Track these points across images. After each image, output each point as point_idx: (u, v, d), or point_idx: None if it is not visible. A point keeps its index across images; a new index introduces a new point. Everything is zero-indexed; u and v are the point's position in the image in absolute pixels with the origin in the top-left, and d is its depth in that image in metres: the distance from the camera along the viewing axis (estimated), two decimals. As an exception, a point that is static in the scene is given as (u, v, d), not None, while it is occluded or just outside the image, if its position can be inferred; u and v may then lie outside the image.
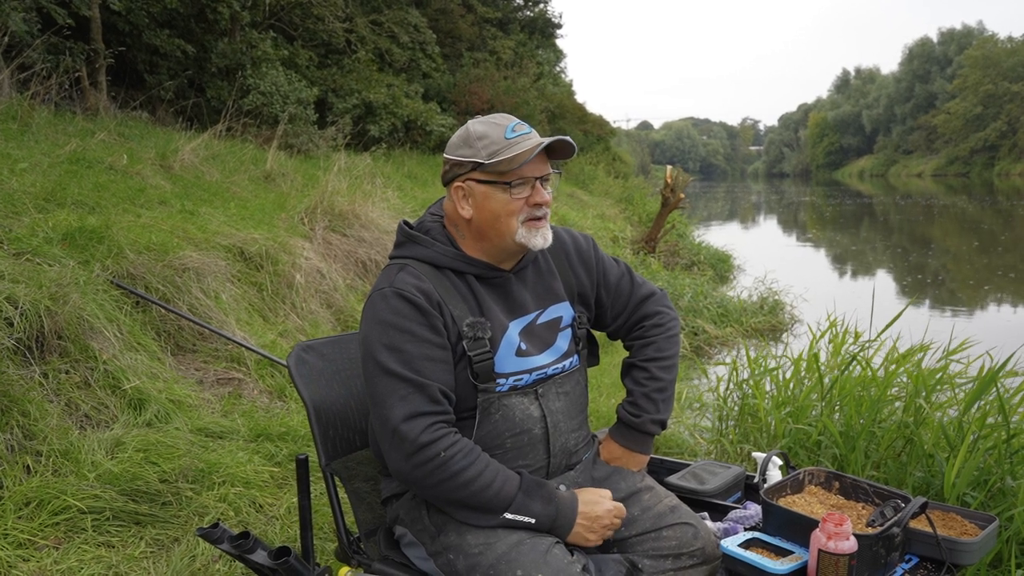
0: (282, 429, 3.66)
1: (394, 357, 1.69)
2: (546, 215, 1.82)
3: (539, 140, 1.77)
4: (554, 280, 1.95)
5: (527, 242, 1.79)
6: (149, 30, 10.61)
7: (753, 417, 4.11)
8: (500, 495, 1.69)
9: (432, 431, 1.65)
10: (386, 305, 1.73)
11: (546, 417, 1.83)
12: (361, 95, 15.25)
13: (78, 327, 3.49)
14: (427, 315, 1.72)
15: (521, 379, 1.82)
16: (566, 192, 17.70)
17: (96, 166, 6.28)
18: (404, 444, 1.65)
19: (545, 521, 1.71)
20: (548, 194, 1.82)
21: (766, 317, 8.45)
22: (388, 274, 1.81)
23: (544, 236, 1.81)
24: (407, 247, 1.86)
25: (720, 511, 2.23)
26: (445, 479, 1.66)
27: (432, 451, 1.64)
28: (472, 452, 1.69)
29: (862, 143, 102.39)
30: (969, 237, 19.90)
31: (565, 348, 1.91)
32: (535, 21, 29.44)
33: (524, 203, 1.78)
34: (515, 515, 1.69)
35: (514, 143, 1.75)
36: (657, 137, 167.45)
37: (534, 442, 1.82)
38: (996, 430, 2.98)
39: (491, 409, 1.78)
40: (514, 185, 1.76)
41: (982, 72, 72.04)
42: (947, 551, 1.81)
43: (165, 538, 2.74)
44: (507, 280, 1.86)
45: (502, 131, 1.77)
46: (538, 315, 1.88)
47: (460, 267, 1.82)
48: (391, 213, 7.45)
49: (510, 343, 1.81)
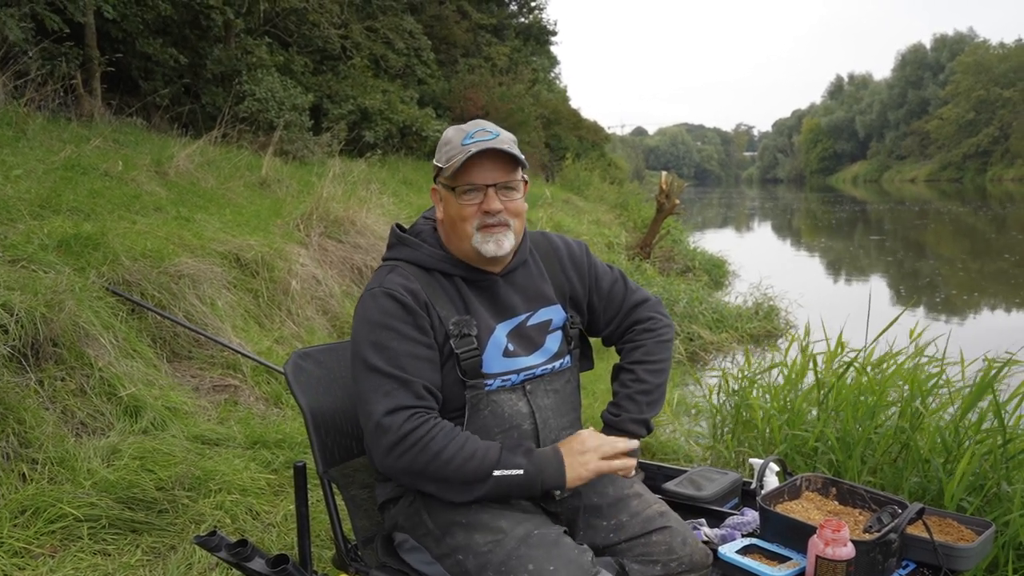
0: (278, 436, 3.65)
1: (380, 355, 1.71)
2: (503, 223, 1.80)
3: (495, 144, 1.76)
4: (545, 283, 1.95)
5: (480, 248, 1.79)
6: (143, 38, 10.61)
7: (749, 424, 4.12)
8: (485, 461, 1.69)
9: (413, 420, 1.67)
10: (374, 304, 1.76)
11: (535, 413, 1.84)
12: (356, 101, 15.26)
13: (74, 334, 3.48)
14: (414, 314, 1.75)
15: (509, 379, 1.83)
16: (561, 198, 17.71)
17: (91, 173, 6.27)
18: (387, 435, 1.66)
19: (532, 469, 1.70)
20: (507, 202, 1.79)
21: (761, 323, 8.47)
22: (378, 275, 1.84)
23: (498, 242, 1.80)
24: (397, 249, 1.90)
25: (717, 517, 2.23)
26: (428, 460, 1.66)
27: (413, 438, 1.66)
28: (452, 431, 1.69)
29: (856, 149, 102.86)
30: (963, 242, 19.98)
31: (555, 350, 1.92)
32: (530, 28, 29.55)
33: (477, 209, 1.78)
34: (502, 470, 1.69)
35: (465, 150, 1.76)
36: (652, 143, 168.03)
37: (524, 438, 1.82)
38: (992, 435, 2.99)
39: (479, 405, 1.79)
40: (461, 191, 1.78)
41: (974, 78, 72.46)
42: (944, 557, 1.82)
43: (162, 546, 2.73)
44: (494, 283, 1.87)
45: (463, 137, 1.79)
46: (527, 317, 1.89)
47: (447, 269, 1.84)
48: (387, 219, 7.45)
49: (497, 344, 1.83)
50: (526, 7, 29.65)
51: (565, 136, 27.47)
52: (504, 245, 1.81)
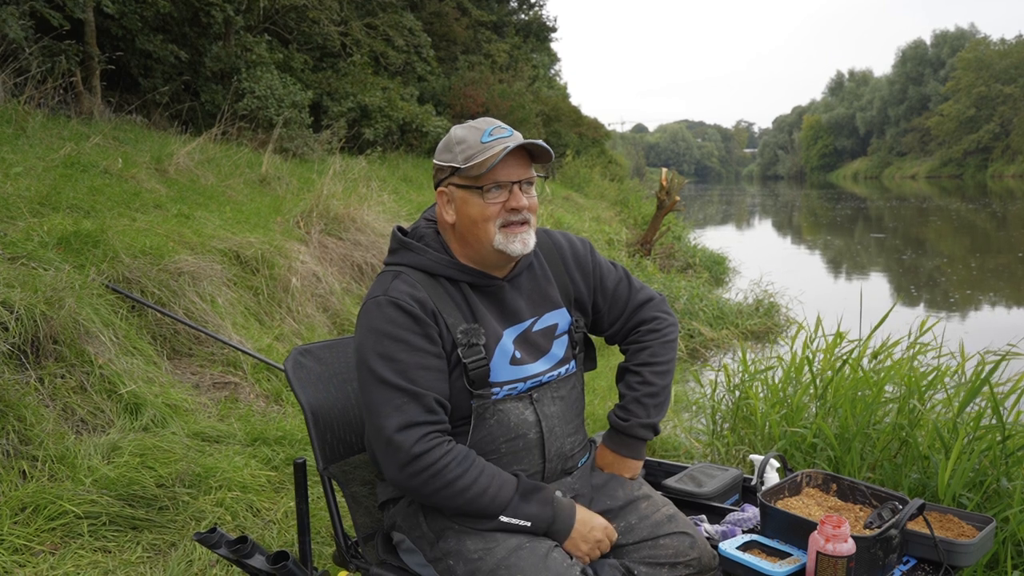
0: (279, 433, 3.65)
1: (388, 366, 1.68)
2: (526, 220, 1.78)
3: (511, 144, 1.73)
4: (550, 286, 1.91)
5: (505, 248, 1.75)
6: (142, 35, 10.61)
7: (748, 420, 4.11)
8: (496, 500, 1.69)
9: (426, 441, 1.65)
10: (380, 313, 1.72)
11: (541, 422, 1.82)
12: (356, 98, 15.26)
13: (74, 331, 3.48)
14: (422, 324, 1.71)
15: (515, 387, 1.80)
16: (562, 195, 17.70)
17: (91, 170, 6.27)
18: (399, 454, 1.65)
19: (541, 524, 1.71)
20: (527, 199, 1.78)
21: (761, 319, 8.47)
22: (383, 281, 1.79)
23: (523, 241, 1.77)
24: (401, 254, 1.84)
25: (718, 514, 2.23)
26: (440, 488, 1.66)
27: (426, 461, 1.64)
28: (466, 459, 1.68)
29: (856, 145, 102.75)
30: (963, 239, 19.96)
31: (561, 355, 1.89)
32: (530, 24, 29.49)
33: (501, 208, 1.75)
34: (510, 518, 1.69)
35: (488, 147, 1.72)
36: (652, 140, 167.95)
37: (529, 447, 1.81)
38: (991, 431, 2.99)
39: (486, 415, 1.77)
40: (487, 190, 1.74)
41: (975, 74, 72.39)
42: (944, 553, 1.82)
43: (162, 543, 2.73)
44: (500, 288, 1.83)
45: (480, 135, 1.75)
46: (533, 322, 1.86)
47: (454, 275, 1.80)
48: (387, 216, 7.45)
49: (504, 352, 1.79)
50: (526, 4, 29.60)
51: (565, 133, 27.42)
52: (530, 243, 1.78)
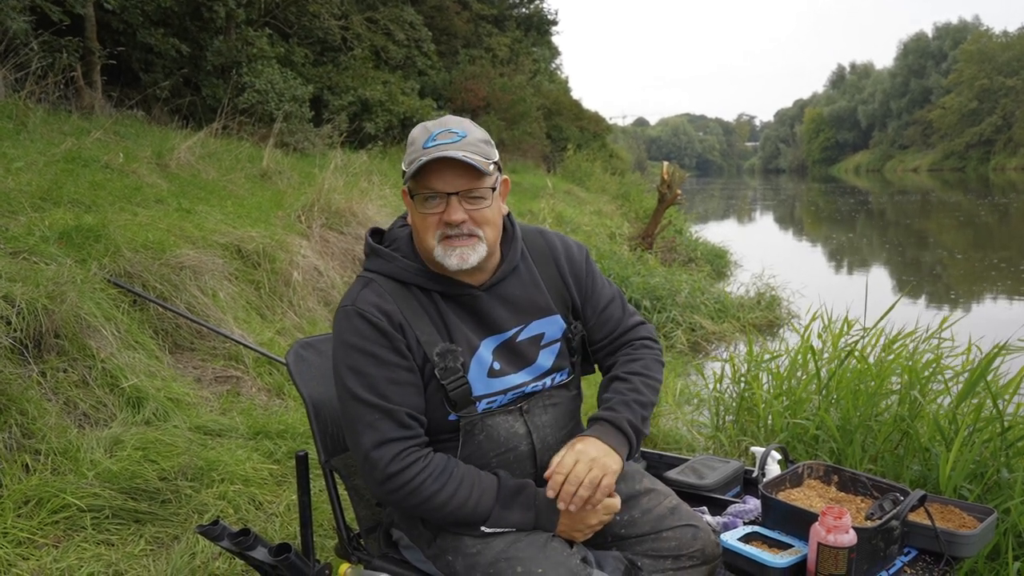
0: (281, 426, 3.66)
1: (359, 381, 1.64)
2: (473, 233, 1.66)
3: (452, 153, 1.61)
4: (538, 292, 1.82)
5: (443, 261, 1.66)
6: (144, 29, 10.60)
7: (751, 412, 4.12)
8: (477, 511, 1.66)
9: (400, 459, 1.62)
10: (349, 324, 1.68)
11: (532, 433, 1.77)
12: (357, 92, 15.25)
13: (76, 326, 3.48)
14: (389, 337, 1.65)
15: (495, 400, 1.74)
16: (563, 189, 17.70)
17: (92, 165, 6.26)
18: (375, 472, 1.63)
19: (524, 529, 1.69)
20: (472, 212, 1.65)
21: (763, 312, 8.47)
22: (353, 290, 1.73)
23: (461, 256, 1.65)
24: (372, 260, 1.77)
25: (719, 505, 2.24)
26: (419, 503, 1.65)
27: (402, 479, 1.62)
28: (443, 473, 1.65)
29: (858, 138, 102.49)
30: (965, 231, 19.93)
31: (548, 365, 1.81)
32: (530, 18, 29.44)
33: (438, 219, 1.65)
34: (492, 528, 1.67)
35: (427, 153, 1.61)
36: (653, 133, 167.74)
37: (521, 459, 1.77)
38: (991, 423, 2.99)
39: (474, 431, 1.73)
40: (425, 198, 1.65)
41: (977, 67, 72.13)
42: (946, 544, 1.82)
43: (165, 536, 2.74)
44: (475, 298, 1.74)
45: (425, 138, 1.65)
46: (518, 332, 1.78)
47: (424, 283, 1.72)
48: (388, 210, 7.45)
49: (481, 363, 1.73)
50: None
51: (566, 127, 27.43)
52: (469, 259, 1.66)
